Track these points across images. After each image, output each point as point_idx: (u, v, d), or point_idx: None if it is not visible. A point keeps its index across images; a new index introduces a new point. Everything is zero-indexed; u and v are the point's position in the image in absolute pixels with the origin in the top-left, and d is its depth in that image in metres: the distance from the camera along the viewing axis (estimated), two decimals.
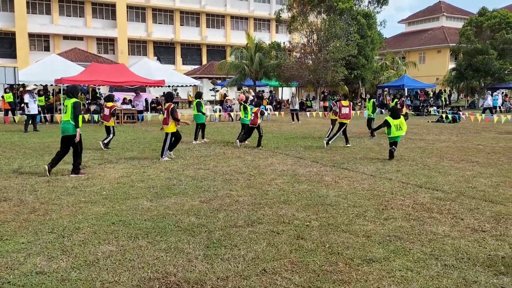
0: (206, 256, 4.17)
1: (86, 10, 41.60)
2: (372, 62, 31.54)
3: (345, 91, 32.91)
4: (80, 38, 41.64)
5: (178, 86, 30.71)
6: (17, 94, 21.89)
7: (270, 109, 25.14)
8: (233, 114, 21.18)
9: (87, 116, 19.58)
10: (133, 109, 20.07)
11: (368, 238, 4.73)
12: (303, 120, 23.13)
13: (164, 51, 45.81)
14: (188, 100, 33.27)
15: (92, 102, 22.01)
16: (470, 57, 34.87)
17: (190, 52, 47.09)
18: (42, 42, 40.85)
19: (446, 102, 35.46)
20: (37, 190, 6.77)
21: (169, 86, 29.05)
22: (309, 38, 28.74)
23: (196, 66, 43.79)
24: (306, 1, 27.88)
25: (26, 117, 16.36)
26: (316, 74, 27.99)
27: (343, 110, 12.34)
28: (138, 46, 44.65)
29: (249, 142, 12.99)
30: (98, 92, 26.34)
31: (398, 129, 10.01)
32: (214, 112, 22.50)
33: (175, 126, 9.82)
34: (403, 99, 15.60)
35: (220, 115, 22.06)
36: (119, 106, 20.08)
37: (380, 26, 33.41)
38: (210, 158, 10.06)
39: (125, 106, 19.84)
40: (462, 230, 5.05)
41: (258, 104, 13.59)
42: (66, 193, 6.62)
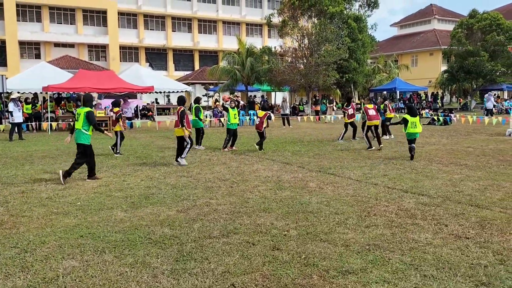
0: (174, 271, 3.95)
1: (77, 17, 41.40)
2: (363, 66, 31.51)
3: (337, 95, 32.85)
4: (71, 46, 41.41)
5: (170, 92, 30.63)
6: (4, 103, 21.61)
7: None
8: (223, 119, 20.98)
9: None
10: (123, 115, 19.80)
11: (346, 248, 4.53)
12: (295, 124, 22.99)
13: (156, 57, 45.64)
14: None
15: None
16: (462, 59, 34.96)
17: (183, 58, 46.95)
18: (32, 49, 40.59)
19: (439, 105, 35.51)
20: (9, 202, 6.53)
21: (160, 92, 28.94)
22: (300, 42, 28.68)
23: (188, 72, 43.63)
24: (296, 5, 27.82)
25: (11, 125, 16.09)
26: (307, 78, 27.90)
27: (370, 112, 12.66)
28: (130, 53, 44.46)
29: (237, 148, 12.79)
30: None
31: (413, 126, 10.31)
32: (205, 117, 22.29)
33: (186, 130, 9.70)
34: (386, 103, 15.58)
35: (210, 121, 21.86)
36: (121, 111, 19.84)
37: (371, 30, 33.45)
38: (195, 165, 9.84)
39: (112, 114, 19.56)
40: (445, 237, 4.86)
41: (264, 108, 13.50)
42: (39, 204, 6.38)
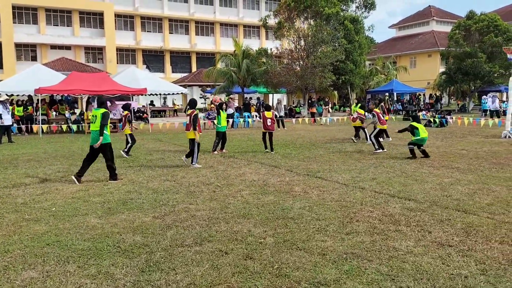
0: (136, 283, 3.75)
1: (74, 19, 41.28)
2: (360, 67, 31.33)
3: (334, 96, 32.65)
4: (67, 48, 41.27)
5: (166, 94, 30.47)
6: None
7: (255, 116, 24.79)
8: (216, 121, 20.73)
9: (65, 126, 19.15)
10: (114, 118, 19.65)
11: (322, 257, 4.33)
12: (290, 127, 22.80)
13: (153, 60, 45.50)
14: (174, 108, 32.87)
15: (72, 112, 21.57)
16: (460, 60, 34.76)
17: (180, 60, 46.81)
18: (29, 52, 40.45)
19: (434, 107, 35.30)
20: None
21: (156, 95, 28.76)
22: (296, 44, 28.51)
23: (185, 74, 43.49)
24: (292, 6, 27.65)
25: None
26: (303, 80, 27.71)
27: (382, 116, 12.64)
28: (127, 55, 44.33)
29: (227, 150, 12.60)
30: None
31: (424, 131, 10.69)
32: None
33: (197, 134, 9.71)
34: (382, 105, 15.46)
35: (204, 123, 21.67)
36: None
37: (368, 31, 33.27)
38: (181, 168, 9.65)
39: None
40: (427, 245, 4.66)
41: (268, 108, 12.87)
42: (12, 210, 6.19)
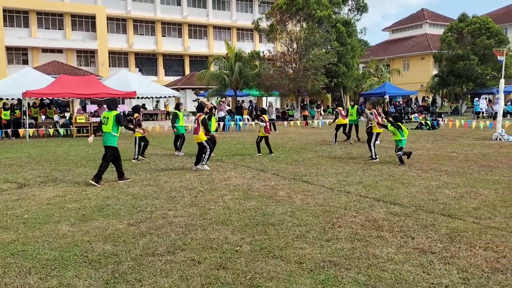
0: None
1: (66, 22, 40.94)
2: (353, 70, 31.25)
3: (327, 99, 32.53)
4: (59, 51, 40.92)
5: (158, 97, 30.24)
6: None
7: (247, 119, 24.62)
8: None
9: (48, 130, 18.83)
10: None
11: (299, 266, 4.14)
12: (282, 130, 22.63)
13: (146, 63, 45.23)
14: (166, 111, 32.66)
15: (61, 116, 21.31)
16: (452, 63, 34.79)
17: (173, 63, 46.56)
18: (20, 55, 40.06)
19: (430, 108, 35.28)
20: None
21: (147, 98, 28.55)
22: (288, 46, 28.40)
23: (179, 77, 43.24)
24: (284, 9, 27.56)
25: None
26: (296, 83, 27.59)
27: (380, 119, 11.77)
28: (119, 58, 44.03)
29: (214, 154, 12.39)
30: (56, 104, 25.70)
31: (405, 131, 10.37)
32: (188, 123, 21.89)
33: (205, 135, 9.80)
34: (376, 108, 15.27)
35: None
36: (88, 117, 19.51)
37: (361, 34, 33.24)
38: (165, 173, 9.44)
39: (95, 119, 19.17)
40: (409, 252, 4.49)
41: (263, 111, 13.17)
42: None
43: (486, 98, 38.03)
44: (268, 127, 12.36)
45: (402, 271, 3.98)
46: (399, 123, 10.36)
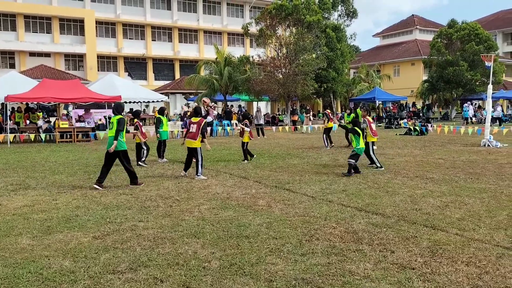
0: None
1: (54, 26, 40.43)
2: (342, 75, 31.17)
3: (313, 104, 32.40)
4: (47, 55, 40.37)
5: (147, 102, 29.85)
6: None
7: (235, 124, 24.35)
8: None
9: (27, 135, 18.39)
10: (87, 126, 19.02)
11: (269, 284, 3.86)
12: (271, 135, 22.41)
13: (135, 67, 44.81)
14: (155, 116, 32.26)
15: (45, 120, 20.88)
16: (441, 68, 34.89)
17: (163, 67, 46.20)
18: (7, 59, 39.45)
19: (420, 114, 35.30)
20: None
21: (136, 102, 28.17)
22: (278, 51, 28.27)
23: (169, 82, 42.87)
24: (273, 14, 27.43)
25: None
26: (285, 88, 27.42)
27: (373, 127, 10.73)
28: (108, 62, 43.58)
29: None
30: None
31: (363, 139, 9.71)
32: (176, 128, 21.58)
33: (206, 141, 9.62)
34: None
35: (182, 132, 21.12)
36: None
37: (350, 39, 33.22)
38: (143, 180, 9.08)
39: (78, 124, 18.77)
40: (387, 267, 4.23)
41: (245, 116, 13.04)
42: None
43: (476, 104, 38.24)
44: (252, 133, 12.13)
45: None
46: (357, 129, 9.52)
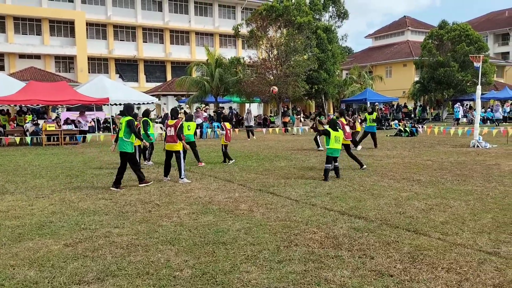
0: None
1: (44, 28, 40.04)
2: (334, 76, 31.12)
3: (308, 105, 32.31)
4: (37, 57, 39.97)
5: (137, 104, 29.58)
6: None
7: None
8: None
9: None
10: (75, 129, 18.74)
11: None
12: (261, 137, 22.27)
13: (127, 69, 44.49)
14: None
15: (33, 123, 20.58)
16: (433, 69, 34.96)
17: (154, 69, 45.92)
18: None
19: (412, 115, 35.34)
20: None
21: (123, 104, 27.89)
22: (269, 52, 28.15)
23: (160, 83, 42.61)
24: (264, 15, 27.31)
25: None
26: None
27: (347, 129, 10.56)
28: (99, 64, 43.24)
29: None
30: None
31: (337, 141, 9.15)
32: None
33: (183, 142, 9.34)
34: (355, 116, 15.01)
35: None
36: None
37: (341, 40, 33.19)
38: (124, 184, 8.89)
39: (66, 127, 18.50)
40: (365, 274, 4.08)
41: (225, 119, 13.24)
42: None
43: (467, 105, 38.37)
44: (229, 135, 12.13)
45: None
46: (330, 130, 9.11)
